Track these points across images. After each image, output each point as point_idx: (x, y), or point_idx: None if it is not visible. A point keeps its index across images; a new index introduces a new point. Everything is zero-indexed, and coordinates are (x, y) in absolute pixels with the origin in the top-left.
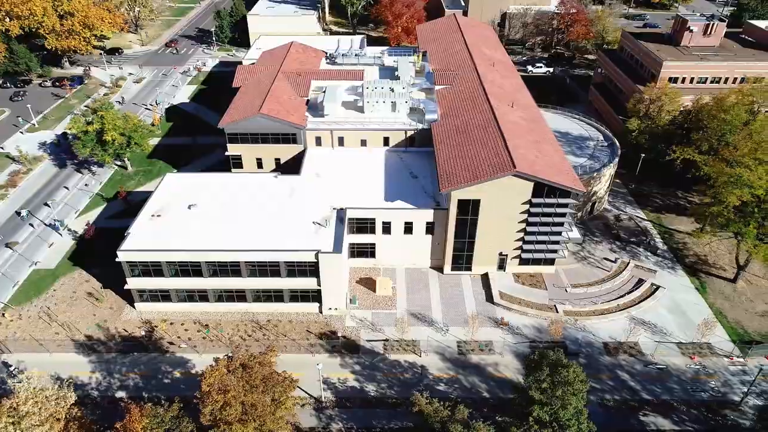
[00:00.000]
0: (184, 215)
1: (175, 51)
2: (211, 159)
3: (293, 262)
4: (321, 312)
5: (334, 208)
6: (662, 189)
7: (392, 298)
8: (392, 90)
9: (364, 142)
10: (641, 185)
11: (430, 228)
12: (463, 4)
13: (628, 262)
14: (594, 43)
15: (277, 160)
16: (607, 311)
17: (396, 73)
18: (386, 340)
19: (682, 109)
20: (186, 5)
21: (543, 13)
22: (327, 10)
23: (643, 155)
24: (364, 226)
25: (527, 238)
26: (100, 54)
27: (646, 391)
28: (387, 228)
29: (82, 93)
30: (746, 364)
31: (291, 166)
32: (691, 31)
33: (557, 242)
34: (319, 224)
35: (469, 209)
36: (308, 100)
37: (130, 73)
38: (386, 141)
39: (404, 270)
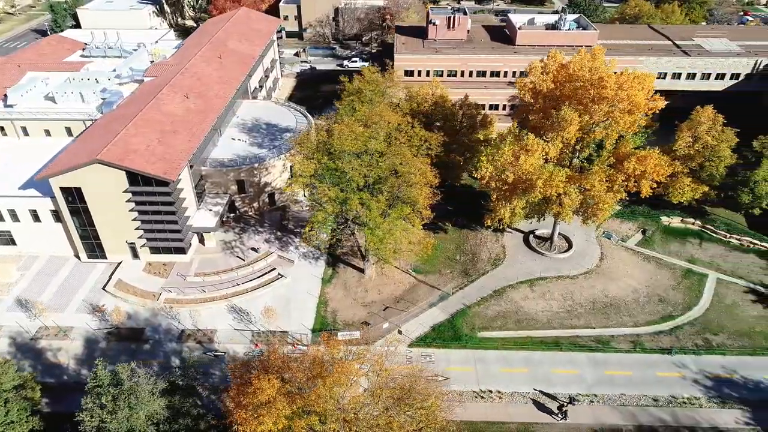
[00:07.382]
0: None
1: None
2: None
3: None
4: None
5: None
6: None
7: (10, 285)
8: (97, 81)
9: (48, 132)
10: None
11: (58, 216)
12: None
13: (271, 253)
14: None
15: None
16: (210, 299)
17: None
18: None
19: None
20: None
21: (371, 8)
22: (185, 5)
23: None
24: None
25: (144, 226)
26: None
27: (186, 378)
28: (15, 215)
29: None
30: (307, 352)
31: None
32: (435, 24)
33: (178, 231)
34: None
35: (75, 197)
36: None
37: None
38: (70, 131)
39: (47, 257)
